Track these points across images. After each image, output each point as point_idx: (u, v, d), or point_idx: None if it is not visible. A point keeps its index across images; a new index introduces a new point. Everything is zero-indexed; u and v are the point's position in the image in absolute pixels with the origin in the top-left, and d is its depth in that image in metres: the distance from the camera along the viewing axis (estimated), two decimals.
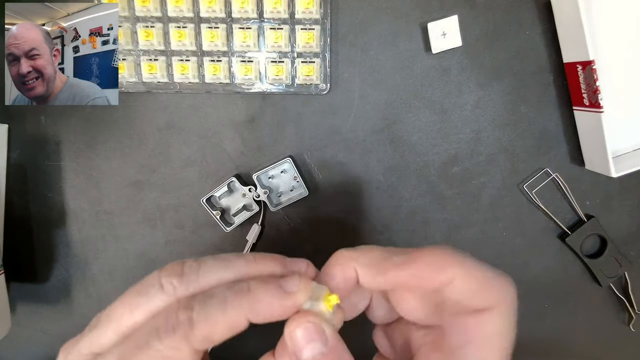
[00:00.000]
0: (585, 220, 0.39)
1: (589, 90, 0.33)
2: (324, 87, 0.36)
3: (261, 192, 0.37)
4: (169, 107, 0.38)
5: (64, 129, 0.38)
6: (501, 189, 0.39)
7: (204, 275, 0.21)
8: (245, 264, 0.22)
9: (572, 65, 0.34)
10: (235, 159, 0.38)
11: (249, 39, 0.35)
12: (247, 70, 0.36)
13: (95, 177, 0.39)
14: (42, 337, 0.42)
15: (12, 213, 0.39)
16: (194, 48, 0.36)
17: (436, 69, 0.37)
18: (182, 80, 0.36)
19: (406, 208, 0.39)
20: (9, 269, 0.39)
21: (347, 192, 0.39)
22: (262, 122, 0.38)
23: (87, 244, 0.40)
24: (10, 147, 0.38)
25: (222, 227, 0.38)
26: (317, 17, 0.35)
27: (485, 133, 0.38)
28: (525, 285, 0.41)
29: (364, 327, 0.25)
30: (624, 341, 0.42)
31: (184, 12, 0.35)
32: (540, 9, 0.36)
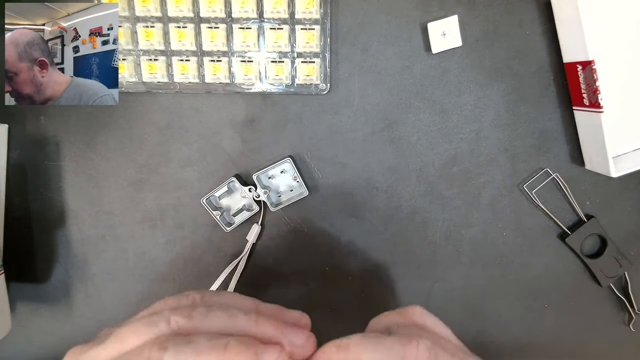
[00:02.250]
0: (585, 220, 0.39)
1: (589, 90, 0.33)
2: (324, 87, 0.36)
3: (261, 192, 0.37)
4: (169, 107, 0.38)
5: (64, 129, 0.38)
6: (501, 189, 0.39)
7: (209, 324, 0.22)
8: (246, 321, 0.22)
9: (572, 65, 0.34)
10: (235, 159, 0.38)
11: (249, 39, 0.35)
12: (247, 70, 0.36)
13: (95, 177, 0.39)
14: (42, 337, 0.42)
15: (12, 213, 0.39)
16: (194, 48, 0.36)
17: (436, 69, 0.37)
18: (182, 80, 0.36)
19: (406, 208, 0.39)
20: (9, 269, 0.39)
21: (347, 192, 0.39)
22: (262, 122, 0.38)
23: (87, 244, 0.40)
24: (10, 147, 0.38)
25: (222, 227, 0.38)
26: (317, 17, 0.35)
27: (485, 133, 0.38)
28: (525, 285, 0.41)
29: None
30: (624, 341, 0.42)
31: (184, 12, 0.35)
32: (540, 9, 0.36)
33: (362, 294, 0.41)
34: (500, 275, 0.40)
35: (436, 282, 0.41)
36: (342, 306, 0.41)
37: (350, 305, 0.41)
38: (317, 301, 0.41)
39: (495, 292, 0.41)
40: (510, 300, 0.41)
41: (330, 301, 0.41)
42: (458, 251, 0.40)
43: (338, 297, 0.41)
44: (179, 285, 0.40)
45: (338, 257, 0.40)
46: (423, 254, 0.40)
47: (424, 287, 0.41)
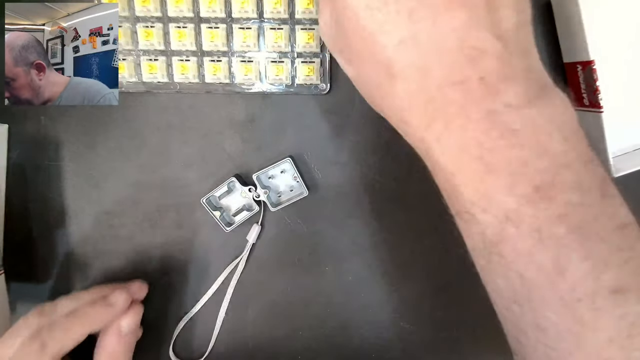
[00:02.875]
0: None
1: (589, 90, 0.33)
2: (324, 87, 0.36)
3: (261, 192, 0.37)
4: (169, 107, 0.38)
5: (64, 129, 0.38)
6: None
7: (60, 309, 0.30)
8: (89, 294, 0.32)
9: (572, 65, 0.34)
10: (235, 159, 0.38)
11: (249, 39, 0.35)
12: (247, 70, 0.36)
13: (95, 177, 0.39)
14: None
15: (12, 213, 0.39)
16: (194, 48, 0.36)
17: None
18: (182, 80, 0.36)
19: (406, 208, 0.39)
20: (9, 269, 0.39)
21: (347, 192, 0.39)
22: (262, 122, 0.38)
23: (87, 244, 0.40)
24: (10, 147, 0.38)
25: (222, 227, 0.38)
26: (317, 17, 0.35)
27: None
28: None
29: None
30: None
31: (184, 12, 0.35)
32: (540, 9, 0.36)
33: (362, 294, 0.41)
34: None
35: (436, 282, 0.41)
36: (342, 306, 0.41)
37: (350, 305, 0.41)
38: (317, 302, 0.41)
39: None
40: None
41: (331, 301, 0.41)
42: (458, 251, 0.40)
43: (338, 297, 0.41)
44: (178, 285, 0.40)
45: (338, 257, 0.40)
46: (423, 254, 0.40)
47: (425, 287, 0.41)
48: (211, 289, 0.40)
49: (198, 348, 0.42)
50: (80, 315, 0.30)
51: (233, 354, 0.42)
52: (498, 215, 0.20)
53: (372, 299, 0.41)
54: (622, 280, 0.19)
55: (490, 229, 0.21)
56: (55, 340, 0.28)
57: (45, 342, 0.28)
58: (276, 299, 0.41)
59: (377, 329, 0.42)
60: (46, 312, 0.30)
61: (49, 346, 0.28)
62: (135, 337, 0.34)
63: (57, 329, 0.29)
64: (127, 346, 0.33)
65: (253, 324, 0.41)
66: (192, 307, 0.41)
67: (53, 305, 0.31)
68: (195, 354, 0.42)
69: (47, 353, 0.27)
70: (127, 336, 0.33)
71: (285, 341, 0.42)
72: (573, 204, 0.20)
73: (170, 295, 0.40)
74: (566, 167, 0.20)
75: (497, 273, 0.22)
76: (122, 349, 0.32)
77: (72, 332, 0.29)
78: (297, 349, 0.42)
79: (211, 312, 0.41)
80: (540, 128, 0.20)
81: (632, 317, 0.19)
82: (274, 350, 0.42)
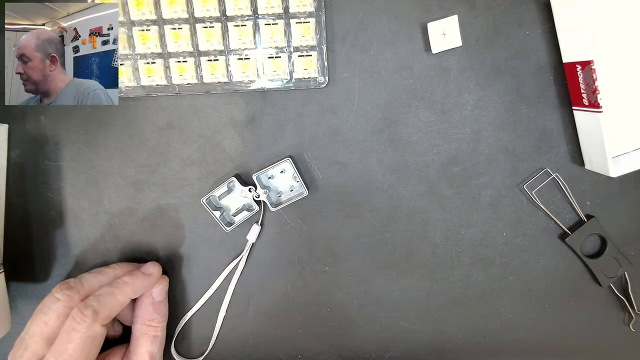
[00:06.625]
0: (585, 220, 0.39)
1: (589, 90, 0.33)
2: (322, 80, 0.36)
3: (261, 192, 0.37)
4: (169, 107, 0.38)
5: (64, 129, 0.38)
6: (501, 189, 0.39)
7: (86, 283, 0.34)
8: (113, 270, 0.36)
9: (572, 65, 0.34)
10: (235, 159, 0.38)
11: (244, 36, 0.35)
12: (245, 67, 0.36)
13: (95, 177, 0.39)
14: None
15: (11, 213, 0.39)
16: (190, 49, 0.36)
17: (436, 69, 0.37)
18: (181, 82, 0.36)
19: (406, 208, 0.39)
20: (9, 268, 0.39)
21: (347, 192, 0.39)
22: (262, 122, 0.38)
23: (87, 244, 0.40)
24: (10, 147, 0.38)
25: (222, 227, 0.38)
26: (311, 9, 0.35)
27: (485, 133, 0.38)
28: (525, 285, 0.41)
29: None
30: (624, 341, 0.42)
31: (178, 13, 0.35)
32: (540, 9, 0.36)
33: (362, 294, 0.41)
34: (500, 275, 0.40)
35: (436, 282, 0.41)
36: (342, 306, 0.41)
37: (350, 305, 0.41)
38: (317, 301, 0.41)
39: (495, 292, 0.41)
40: (510, 300, 0.41)
41: (331, 301, 0.41)
42: (458, 251, 0.40)
43: (338, 297, 0.41)
44: (179, 285, 0.40)
45: (338, 257, 0.40)
46: (423, 254, 0.40)
47: (424, 286, 0.41)
48: (212, 288, 0.40)
49: (199, 346, 0.42)
50: (123, 284, 0.34)
51: (233, 352, 0.42)
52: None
53: (372, 299, 0.41)
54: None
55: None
56: (106, 307, 0.32)
57: (97, 309, 0.31)
58: (276, 299, 0.41)
59: (377, 328, 0.42)
60: (73, 286, 0.33)
61: (100, 312, 0.31)
62: (166, 304, 0.38)
63: (105, 297, 0.32)
64: (161, 313, 0.37)
65: (253, 323, 0.41)
66: (193, 306, 0.41)
67: (78, 280, 0.33)
68: (197, 351, 0.42)
69: (99, 318, 0.31)
70: (161, 303, 0.37)
71: (285, 340, 0.42)
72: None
73: (171, 294, 0.40)
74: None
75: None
76: (157, 316, 0.37)
77: (118, 298, 0.33)
78: (297, 348, 0.42)
79: (212, 310, 0.41)
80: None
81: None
82: (274, 349, 0.42)
